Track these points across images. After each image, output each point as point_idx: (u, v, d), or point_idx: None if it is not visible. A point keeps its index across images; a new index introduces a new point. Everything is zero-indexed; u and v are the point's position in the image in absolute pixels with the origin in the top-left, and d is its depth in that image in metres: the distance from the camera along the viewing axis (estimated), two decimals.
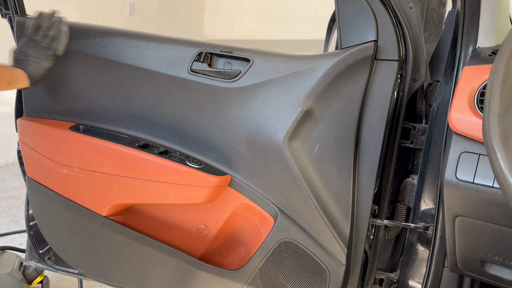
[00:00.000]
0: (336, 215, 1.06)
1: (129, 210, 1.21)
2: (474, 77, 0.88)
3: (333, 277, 1.07)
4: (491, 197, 0.84)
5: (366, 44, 1.01)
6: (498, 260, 0.91)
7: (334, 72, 1.01)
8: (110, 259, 1.20)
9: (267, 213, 1.13)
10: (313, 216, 1.05)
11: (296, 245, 1.09)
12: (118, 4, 4.59)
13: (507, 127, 0.57)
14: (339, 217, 1.06)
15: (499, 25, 0.99)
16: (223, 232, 1.19)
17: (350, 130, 1.03)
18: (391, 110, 1.02)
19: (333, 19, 1.69)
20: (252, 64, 1.07)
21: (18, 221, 2.63)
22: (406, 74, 1.02)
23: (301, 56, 1.05)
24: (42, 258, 1.33)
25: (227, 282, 1.13)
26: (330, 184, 1.06)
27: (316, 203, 1.05)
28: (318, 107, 1.03)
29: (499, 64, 0.59)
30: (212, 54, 1.11)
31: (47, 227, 1.25)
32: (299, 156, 1.06)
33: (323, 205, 1.05)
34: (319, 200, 1.05)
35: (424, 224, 1.04)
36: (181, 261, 1.14)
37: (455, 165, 0.88)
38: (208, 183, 1.08)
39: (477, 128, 0.84)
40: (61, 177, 1.16)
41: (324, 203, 1.06)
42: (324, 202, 1.06)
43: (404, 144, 1.09)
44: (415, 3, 1.01)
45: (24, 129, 1.19)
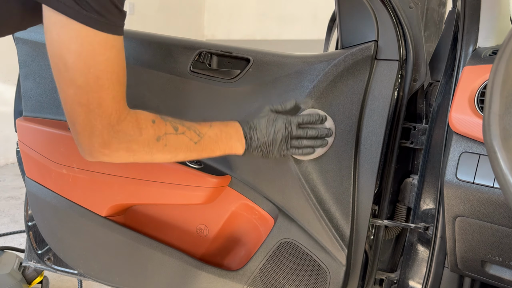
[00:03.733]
0: (336, 215, 1.06)
1: (129, 211, 1.21)
2: (474, 77, 0.88)
3: (333, 277, 1.07)
4: (492, 197, 0.84)
5: (366, 44, 1.01)
6: (499, 260, 0.91)
7: (334, 72, 1.01)
8: (109, 259, 1.20)
9: (267, 213, 1.13)
10: (313, 216, 1.05)
11: (296, 245, 1.09)
12: None
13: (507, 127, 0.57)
14: (339, 217, 1.05)
15: (499, 25, 0.99)
16: (223, 232, 1.19)
17: (350, 130, 1.03)
18: (391, 110, 1.02)
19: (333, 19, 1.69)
20: (252, 64, 1.07)
21: (17, 221, 2.63)
22: (406, 74, 1.02)
23: (301, 56, 1.05)
24: (42, 258, 1.32)
25: (227, 283, 1.13)
26: (330, 184, 1.05)
27: (316, 203, 1.05)
28: (318, 107, 1.03)
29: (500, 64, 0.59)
30: (212, 54, 1.11)
31: (46, 228, 1.25)
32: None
33: (323, 205, 1.05)
34: (319, 200, 1.05)
35: (424, 224, 1.04)
36: (181, 261, 1.14)
37: (455, 165, 0.88)
38: (208, 183, 1.08)
39: (477, 128, 0.84)
40: (60, 177, 1.16)
41: (324, 203, 1.06)
42: (324, 202, 1.06)
43: (404, 144, 1.09)
44: (415, 3, 1.01)
45: (24, 129, 1.19)
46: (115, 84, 0.74)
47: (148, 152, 0.81)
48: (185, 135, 0.85)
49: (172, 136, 0.83)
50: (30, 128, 1.18)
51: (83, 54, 0.69)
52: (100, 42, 0.70)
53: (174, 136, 0.83)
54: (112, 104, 0.74)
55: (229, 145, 0.92)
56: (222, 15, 5.58)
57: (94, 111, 0.72)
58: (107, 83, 0.72)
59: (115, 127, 0.75)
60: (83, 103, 0.72)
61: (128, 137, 0.77)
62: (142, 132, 0.79)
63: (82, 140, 0.76)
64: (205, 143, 0.88)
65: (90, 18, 0.67)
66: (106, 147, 0.76)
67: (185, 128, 0.85)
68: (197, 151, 0.88)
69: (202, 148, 0.88)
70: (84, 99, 0.72)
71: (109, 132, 0.75)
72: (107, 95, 0.73)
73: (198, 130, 0.87)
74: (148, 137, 0.80)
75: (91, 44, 0.69)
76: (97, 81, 0.71)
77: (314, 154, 1.02)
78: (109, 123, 0.74)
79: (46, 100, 1.20)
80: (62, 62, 0.70)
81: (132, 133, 0.78)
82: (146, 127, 0.80)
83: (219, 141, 0.91)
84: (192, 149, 0.87)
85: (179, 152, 0.86)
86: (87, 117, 0.73)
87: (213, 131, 0.90)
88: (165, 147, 0.82)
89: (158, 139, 0.81)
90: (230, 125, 0.93)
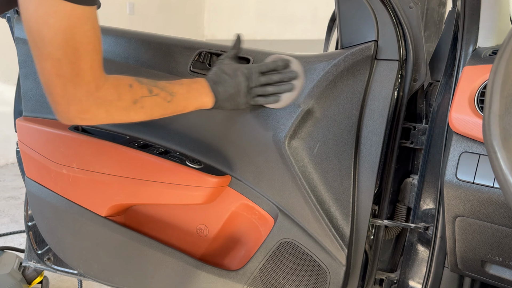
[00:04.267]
0: (336, 215, 1.06)
1: (129, 211, 1.21)
2: (474, 77, 0.88)
3: (333, 277, 1.07)
4: (492, 197, 0.84)
5: (366, 44, 1.01)
6: (499, 260, 0.91)
7: (334, 72, 1.01)
8: (109, 259, 1.20)
9: (267, 213, 1.13)
10: (313, 216, 1.05)
11: (296, 245, 1.09)
12: (118, 4, 4.59)
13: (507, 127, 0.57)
14: (339, 217, 1.05)
15: (499, 25, 0.99)
16: (223, 232, 1.19)
17: (350, 130, 1.03)
18: (391, 110, 1.02)
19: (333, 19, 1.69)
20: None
21: (17, 221, 2.63)
22: (406, 74, 1.02)
23: (301, 56, 1.05)
24: (42, 258, 1.32)
25: (227, 283, 1.13)
26: (330, 184, 1.05)
27: (316, 203, 1.05)
28: (318, 107, 1.03)
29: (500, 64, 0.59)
30: (212, 54, 1.11)
31: (46, 228, 1.25)
32: (299, 156, 1.06)
33: (323, 205, 1.05)
34: (319, 200, 1.05)
35: (424, 224, 1.04)
36: (181, 261, 1.14)
37: (455, 165, 0.88)
38: (208, 183, 1.08)
39: (477, 128, 0.84)
40: (60, 177, 1.16)
41: (324, 203, 1.06)
42: (324, 202, 1.06)
43: (404, 144, 1.09)
44: (415, 3, 1.01)
45: (23, 129, 1.19)
46: (93, 53, 0.76)
47: (125, 114, 0.86)
48: (159, 96, 0.89)
49: (148, 98, 0.87)
50: (30, 128, 1.18)
51: (61, 28, 0.71)
52: (78, 15, 0.72)
53: (149, 98, 0.88)
54: (90, 73, 0.77)
55: (199, 101, 0.97)
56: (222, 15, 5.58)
57: (73, 80, 0.75)
58: (85, 53, 0.75)
59: (94, 94, 0.78)
60: (61, 74, 0.75)
61: (107, 102, 0.81)
62: (121, 97, 0.83)
63: (60, 108, 0.79)
64: (178, 101, 0.93)
65: None
66: (85, 113, 0.79)
67: (159, 89, 0.89)
68: (171, 109, 0.93)
69: (175, 106, 0.93)
70: (62, 71, 0.75)
71: (88, 99, 0.78)
72: (85, 65, 0.76)
73: (170, 90, 0.91)
74: (126, 101, 0.84)
75: (69, 18, 0.71)
76: (75, 53, 0.74)
77: (282, 101, 1.02)
78: (88, 91, 0.77)
79: (46, 100, 1.19)
80: (40, 37, 0.72)
81: (111, 99, 0.81)
82: (124, 91, 0.84)
83: (190, 97, 0.95)
84: (166, 107, 0.92)
85: (154, 112, 0.91)
86: (65, 87, 0.76)
87: (184, 89, 0.94)
88: (141, 109, 0.87)
89: (135, 102, 0.85)
90: (198, 82, 0.98)
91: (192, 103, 0.96)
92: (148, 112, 0.89)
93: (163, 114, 0.93)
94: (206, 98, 0.97)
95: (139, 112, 0.87)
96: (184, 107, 0.95)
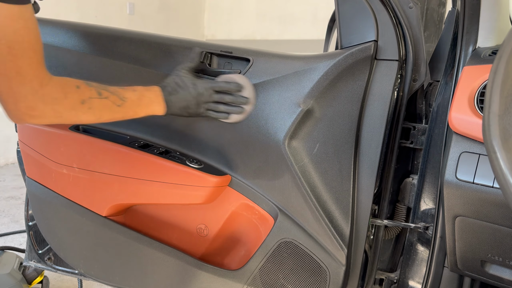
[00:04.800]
0: (336, 215, 1.06)
1: (129, 210, 1.21)
2: (474, 77, 0.88)
3: (333, 277, 1.07)
4: (491, 197, 0.84)
5: (366, 44, 1.01)
6: (498, 260, 0.91)
7: (334, 72, 1.01)
8: (110, 259, 1.20)
9: (267, 213, 1.13)
10: (313, 216, 1.05)
11: (296, 245, 1.09)
12: (118, 4, 4.59)
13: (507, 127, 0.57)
14: (339, 217, 1.06)
15: (499, 25, 0.99)
16: (223, 232, 1.19)
17: (350, 130, 1.03)
18: (391, 110, 1.02)
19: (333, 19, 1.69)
20: (252, 64, 1.07)
21: (18, 221, 2.63)
22: (406, 74, 1.02)
23: (301, 56, 1.05)
24: (42, 258, 1.33)
25: (227, 282, 1.13)
26: (330, 184, 1.06)
27: (316, 203, 1.05)
28: (318, 107, 1.03)
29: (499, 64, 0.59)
30: (212, 54, 1.11)
31: (46, 227, 1.25)
32: (299, 156, 1.06)
33: (323, 205, 1.05)
34: (319, 200, 1.05)
35: (424, 224, 1.04)
36: (181, 261, 1.14)
37: (455, 165, 0.88)
38: (208, 183, 1.08)
39: (477, 128, 0.84)
40: (60, 177, 1.16)
41: (324, 203, 1.06)
42: (324, 202, 1.06)
43: (404, 144, 1.09)
44: (415, 3, 1.01)
45: (24, 129, 1.19)
46: (29, 51, 0.78)
47: (73, 115, 0.88)
48: (108, 99, 0.91)
49: (96, 100, 0.89)
50: (30, 128, 1.18)
51: None
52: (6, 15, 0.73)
53: (97, 100, 0.90)
54: (30, 70, 0.79)
55: (150, 108, 1.00)
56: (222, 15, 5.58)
57: (15, 78, 0.77)
58: (20, 52, 0.76)
59: (39, 91, 0.80)
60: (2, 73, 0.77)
61: (53, 100, 0.83)
62: (67, 95, 0.85)
63: (8, 106, 0.81)
64: (128, 106, 0.96)
65: None
66: (33, 110, 0.81)
67: (108, 93, 0.92)
68: (121, 113, 0.96)
69: (125, 111, 0.96)
70: (1, 69, 0.76)
71: (33, 96, 0.80)
72: (23, 63, 0.77)
73: (121, 95, 0.94)
74: (73, 100, 0.86)
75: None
76: (10, 51, 0.75)
77: (231, 119, 1.07)
78: (32, 88, 0.79)
79: None
80: None
81: (56, 96, 0.83)
82: (71, 91, 0.86)
83: (142, 104, 0.98)
84: (115, 111, 0.94)
85: (103, 114, 0.92)
86: (8, 85, 0.78)
87: (135, 95, 0.97)
88: (90, 110, 0.89)
89: (82, 102, 0.87)
90: (151, 90, 1.01)
91: (143, 110, 0.99)
92: (97, 113, 0.91)
93: (113, 117, 0.95)
94: (158, 106, 1.01)
95: (87, 112, 0.89)
96: (135, 113, 0.98)
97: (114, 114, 0.94)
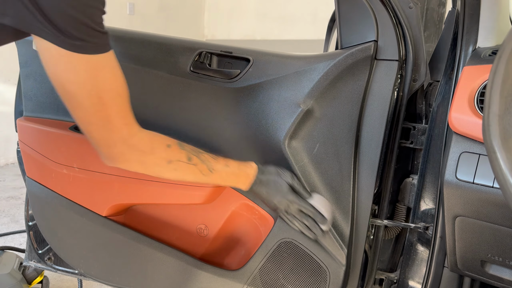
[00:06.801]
0: (336, 215, 1.06)
1: (129, 210, 1.21)
2: (474, 77, 0.88)
3: (333, 277, 1.07)
4: (491, 197, 0.84)
5: (366, 44, 1.01)
6: (498, 260, 0.91)
7: (334, 72, 1.01)
8: (110, 259, 1.20)
9: (267, 213, 1.13)
10: None
11: (296, 245, 1.09)
12: (118, 4, 4.59)
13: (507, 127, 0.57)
14: (339, 217, 1.06)
15: (499, 25, 0.99)
16: (223, 232, 1.19)
17: (350, 130, 1.03)
18: (391, 110, 1.02)
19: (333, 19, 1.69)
20: (252, 64, 1.07)
21: (18, 221, 2.63)
22: (406, 74, 1.02)
23: (301, 56, 1.05)
24: (42, 258, 1.33)
25: (227, 282, 1.13)
26: (330, 184, 1.05)
27: None
28: (318, 107, 1.03)
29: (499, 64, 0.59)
30: (212, 54, 1.11)
31: (46, 227, 1.25)
32: (299, 156, 1.06)
33: None
34: None
35: (424, 224, 1.04)
36: (181, 261, 1.14)
37: (455, 165, 0.88)
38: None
39: (477, 128, 0.84)
40: (61, 177, 1.16)
41: None
42: None
43: (404, 144, 1.09)
44: (415, 3, 1.01)
45: (24, 129, 1.19)
46: (117, 98, 0.79)
47: (158, 171, 0.89)
48: (196, 167, 0.91)
49: (184, 164, 0.90)
50: (30, 128, 1.18)
51: (81, 81, 0.74)
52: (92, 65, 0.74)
53: (185, 164, 0.90)
54: (119, 119, 0.80)
55: (233, 184, 1.01)
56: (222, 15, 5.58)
57: (105, 127, 0.79)
58: (110, 100, 0.77)
59: (127, 141, 0.82)
60: (93, 122, 0.79)
61: (140, 153, 0.84)
62: (154, 151, 0.86)
63: (100, 150, 0.84)
64: (213, 178, 0.96)
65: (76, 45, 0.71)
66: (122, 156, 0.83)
67: (198, 161, 0.92)
68: (204, 181, 0.97)
69: (210, 180, 0.97)
70: (93, 118, 0.78)
71: (122, 145, 0.82)
72: (112, 111, 0.78)
73: (211, 166, 0.94)
74: (160, 157, 0.87)
75: (86, 70, 0.73)
76: (100, 101, 0.76)
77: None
78: (121, 137, 0.81)
79: (46, 100, 1.20)
80: (65, 91, 0.76)
81: (144, 149, 0.85)
82: (159, 148, 0.87)
83: (228, 180, 0.99)
84: (199, 179, 0.95)
85: (186, 178, 0.94)
86: (100, 133, 0.80)
87: (224, 171, 0.97)
88: (175, 171, 0.90)
89: (169, 162, 0.88)
90: (242, 171, 0.99)
91: (227, 183, 1.00)
92: (181, 176, 0.92)
93: (196, 182, 0.97)
94: (243, 186, 1.00)
95: (171, 172, 0.90)
96: (219, 184, 1.01)
97: (198, 180, 0.95)
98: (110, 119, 0.78)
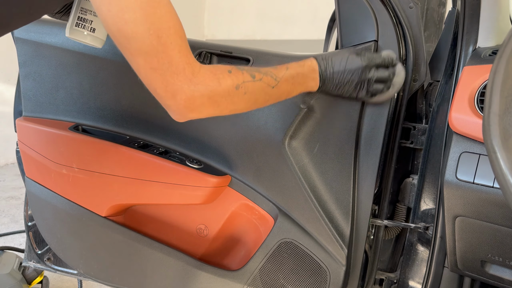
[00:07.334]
0: (336, 215, 1.06)
1: (129, 210, 1.21)
2: (474, 77, 0.88)
3: (333, 277, 1.07)
4: (491, 197, 0.84)
5: (366, 44, 1.01)
6: (498, 260, 0.91)
7: None
8: (109, 259, 1.20)
9: (267, 213, 1.13)
10: (313, 216, 1.05)
11: (296, 245, 1.09)
12: None
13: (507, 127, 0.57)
14: (339, 217, 1.05)
15: (499, 25, 0.99)
16: (223, 232, 1.19)
17: (350, 130, 1.03)
18: (391, 110, 1.02)
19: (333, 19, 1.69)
20: (252, 64, 1.07)
21: (17, 221, 2.63)
22: (406, 74, 1.02)
23: (301, 56, 1.05)
24: (41, 258, 1.32)
25: (227, 283, 1.13)
26: (330, 184, 1.05)
27: (316, 203, 1.05)
28: (318, 107, 1.03)
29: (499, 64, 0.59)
30: (212, 54, 1.11)
31: (46, 228, 1.25)
32: (299, 156, 1.06)
33: (323, 205, 1.05)
34: (319, 200, 1.05)
35: (424, 224, 1.04)
36: (181, 261, 1.14)
37: (455, 165, 0.88)
38: (208, 183, 1.08)
39: (477, 128, 0.84)
40: (60, 177, 1.16)
41: (324, 203, 1.06)
42: (324, 202, 1.06)
43: (404, 144, 1.09)
44: (415, 3, 1.01)
45: (23, 129, 1.19)
46: (176, 37, 0.75)
47: (230, 102, 0.83)
48: (262, 81, 0.87)
49: (250, 83, 0.85)
50: (30, 128, 1.18)
51: (138, 20, 0.71)
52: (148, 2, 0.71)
53: (252, 83, 0.85)
54: (180, 58, 0.76)
55: (304, 86, 0.94)
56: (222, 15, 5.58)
57: (168, 70, 0.75)
58: (169, 39, 0.74)
59: (193, 80, 0.77)
60: (155, 67, 0.74)
61: (209, 88, 0.79)
62: (220, 82, 0.81)
63: (168, 102, 0.78)
64: (282, 87, 0.90)
65: None
66: (191, 102, 0.78)
67: (262, 75, 0.87)
68: (275, 95, 0.91)
69: (279, 92, 0.91)
70: (155, 62, 0.74)
71: (189, 86, 0.77)
72: (172, 51, 0.74)
73: (274, 75, 0.89)
74: (227, 86, 0.82)
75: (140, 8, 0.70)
76: (159, 41, 0.73)
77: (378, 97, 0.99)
78: (186, 78, 0.76)
79: (46, 100, 1.20)
80: (122, 35, 0.72)
81: (211, 84, 0.79)
82: (224, 77, 0.82)
83: (295, 83, 0.93)
84: (270, 93, 0.89)
85: (258, 98, 0.88)
86: (164, 78, 0.75)
87: (289, 74, 0.91)
88: (245, 95, 0.85)
89: (237, 87, 0.83)
90: (306, 65, 0.94)
91: (297, 88, 0.94)
92: (252, 98, 0.86)
93: (267, 100, 0.91)
94: (313, 82, 0.94)
95: (243, 98, 0.85)
96: (289, 93, 0.93)
97: (269, 96, 0.89)
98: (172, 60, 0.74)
